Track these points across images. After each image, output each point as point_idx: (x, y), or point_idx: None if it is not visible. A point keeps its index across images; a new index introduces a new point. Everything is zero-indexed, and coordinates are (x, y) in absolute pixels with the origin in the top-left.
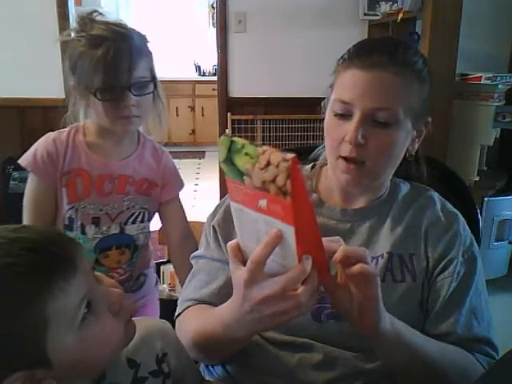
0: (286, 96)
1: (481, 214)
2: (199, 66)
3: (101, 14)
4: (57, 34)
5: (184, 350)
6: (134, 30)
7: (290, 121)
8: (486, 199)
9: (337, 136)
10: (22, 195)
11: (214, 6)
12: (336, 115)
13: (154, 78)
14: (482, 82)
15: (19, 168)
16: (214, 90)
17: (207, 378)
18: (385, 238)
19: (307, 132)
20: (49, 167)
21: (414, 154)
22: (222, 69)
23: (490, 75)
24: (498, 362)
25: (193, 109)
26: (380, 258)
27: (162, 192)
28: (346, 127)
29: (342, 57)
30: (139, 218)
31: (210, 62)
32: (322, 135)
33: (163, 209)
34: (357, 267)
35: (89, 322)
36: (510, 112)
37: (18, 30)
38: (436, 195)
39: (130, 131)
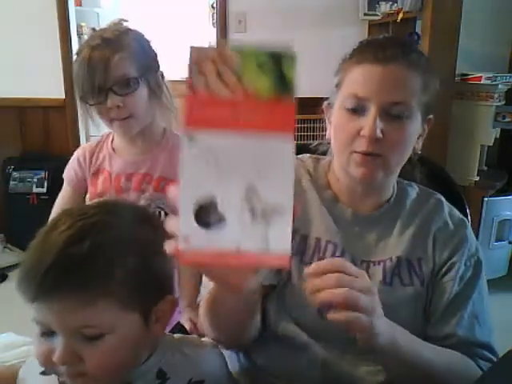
0: None
1: (481, 214)
2: None
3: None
4: (57, 33)
5: None
6: (127, 28)
7: None
8: (485, 199)
9: (351, 131)
10: (21, 195)
11: (214, 5)
12: (348, 110)
13: (143, 73)
14: (482, 82)
15: (19, 168)
16: None
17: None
18: (394, 243)
19: (307, 132)
20: (78, 172)
21: (419, 152)
22: None
23: (490, 75)
24: (498, 362)
25: None
26: (388, 262)
27: None
28: (361, 122)
29: (348, 55)
30: None
31: None
32: (323, 135)
33: None
34: (342, 315)
35: None
36: (510, 112)
37: (18, 30)
38: (444, 200)
39: (129, 132)
